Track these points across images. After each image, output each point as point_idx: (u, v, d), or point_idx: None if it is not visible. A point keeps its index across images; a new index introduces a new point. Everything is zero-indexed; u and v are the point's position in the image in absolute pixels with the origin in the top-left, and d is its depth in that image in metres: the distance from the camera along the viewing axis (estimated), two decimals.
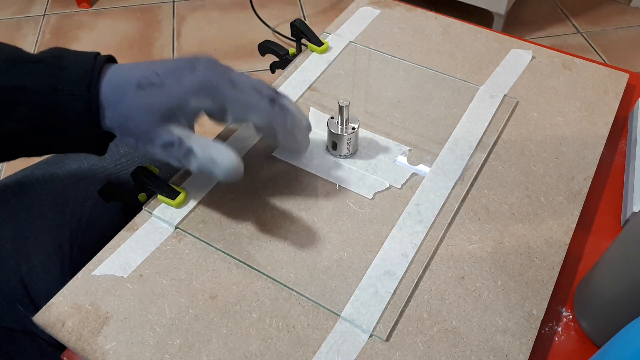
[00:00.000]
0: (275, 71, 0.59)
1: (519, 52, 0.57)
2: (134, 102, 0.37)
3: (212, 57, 0.40)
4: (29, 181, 0.52)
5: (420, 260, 0.40)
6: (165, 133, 0.37)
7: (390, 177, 0.46)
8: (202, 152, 0.37)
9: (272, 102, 0.40)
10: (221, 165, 0.37)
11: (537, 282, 0.39)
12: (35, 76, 0.36)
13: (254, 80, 0.41)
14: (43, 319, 0.37)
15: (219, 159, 0.37)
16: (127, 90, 0.37)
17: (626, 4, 1.70)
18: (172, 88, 0.37)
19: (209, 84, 0.38)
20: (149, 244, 0.42)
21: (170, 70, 0.38)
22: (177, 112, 0.38)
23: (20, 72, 0.36)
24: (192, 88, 0.37)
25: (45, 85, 0.36)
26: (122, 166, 0.56)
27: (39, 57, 0.37)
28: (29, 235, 0.49)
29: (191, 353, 0.36)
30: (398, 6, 0.63)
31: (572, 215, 0.43)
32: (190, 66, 0.38)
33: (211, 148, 0.38)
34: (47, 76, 0.36)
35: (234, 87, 0.39)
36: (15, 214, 0.50)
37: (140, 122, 0.37)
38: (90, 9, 1.71)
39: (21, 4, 1.73)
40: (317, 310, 0.38)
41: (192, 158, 0.38)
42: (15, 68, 0.36)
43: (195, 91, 0.37)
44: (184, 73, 0.38)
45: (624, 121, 0.53)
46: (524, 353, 0.36)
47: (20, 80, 0.36)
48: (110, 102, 0.37)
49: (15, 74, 0.36)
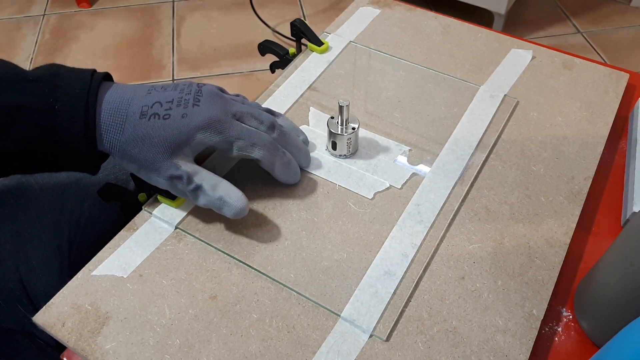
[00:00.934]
0: (275, 71, 0.59)
1: (519, 52, 0.57)
2: (139, 131, 0.38)
3: (213, 88, 0.41)
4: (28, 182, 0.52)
5: (420, 260, 0.40)
6: (172, 166, 0.38)
7: (390, 177, 0.46)
8: (212, 191, 0.39)
9: (272, 128, 0.42)
10: (231, 205, 0.39)
11: (537, 282, 0.39)
12: (31, 95, 0.36)
13: (252, 108, 0.42)
14: (43, 319, 0.37)
15: (228, 200, 0.39)
16: (129, 117, 0.38)
17: (626, 4, 1.70)
18: (178, 123, 0.38)
19: (215, 121, 0.39)
20: (149, 244, 0.41)
21: (173, 102, 0.39)
22: (183, 146, 0.39)
23: (16, 91, 0.36)
24: (198, 124, 0.38)
25: (42, 105, 0.36)
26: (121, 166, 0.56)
27: (35, 75, 0.37)
28: (28, 235, 0.49)
29: (191, 353, 0.36)
30: (398, 6, 0.63)
31: (572, 215, 0.43)
32: (194, 99, 0.39)
33: (220, 188, 0.39)
34: (44, 95, 0.36)
35: (238, 122, 0.40)
36: (14, 215, 0.50)
37: (147, 152, 0.38)
38: (90, 8, 1.71)
39: (21, 4, 1.73)
40: (317, 310, 0.38)
41: (201, 195, 0.39)
42: (11, 87, 0.36)
43: (201, 127, 0.38)
44: (188, 107, 0.39)
45: (624, 121, 0.53)
46: (524, 353, 0.36)
47: (16, 99, 0.36)
48: (110, 127, 0.38)
49: (11, 93, 0.36)
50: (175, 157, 0.38)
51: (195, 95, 0.39)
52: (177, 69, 1.49)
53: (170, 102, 0.39)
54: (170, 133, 0.38)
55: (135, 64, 1.49)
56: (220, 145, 0.40)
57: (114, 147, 0.38)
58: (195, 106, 0.39)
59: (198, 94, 0.39)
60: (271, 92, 0.53)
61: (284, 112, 0.51)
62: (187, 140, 0.38)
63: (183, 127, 0.38)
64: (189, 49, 1.55)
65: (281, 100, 0.52)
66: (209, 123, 0.39)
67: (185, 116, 0.38)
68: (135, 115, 0.38)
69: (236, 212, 0.39)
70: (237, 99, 0.44)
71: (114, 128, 0.38)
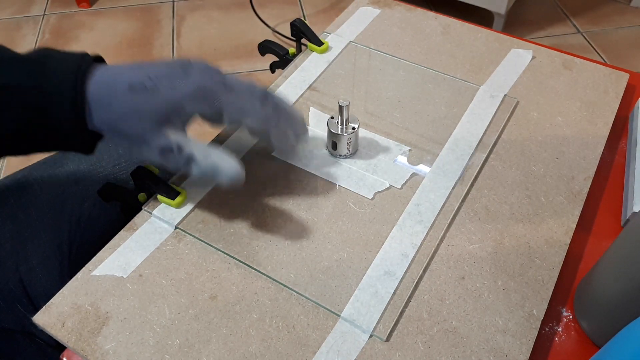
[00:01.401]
0: (275, 71, 0.59)
1: (519, 52, 0.57)
2: (127, 105, 0.37)
3: (204, 61, 0.40)
4: (28, 181, 0.52)
5: (420, 260, 0.40)
6: (162, 137, 0.37)
7: (390, 177, 0.46)
8: (204, 159, 0.38)
9: (265, 100, 0.40)
10: (225, 172, 0.38)
11: (537, 282, 0.39)
12: (21, 75, 0.36)
13: (246, 81, 0.41)
14: (43, 319, 0.37)
15: (222, 167, 0.38)
16: (118, 92, 0.37)
17: (626, 4, 1.70)
18: (166, 93, 0.37)
19: (205, 89, 0.38)
20: (149, 244, 0.41)
21: (163, 75, 0.38)
22: (172, 116, 0.37)
23: (6, 71, 0.36)
24: (187, 93, 0.37)
25: (31, 85, 0.36)
26: (122, 166, 0.56)
27: (25, 56, 0.37)
28: (28, 235, 0.49)
29: (191, 353, 0.36)
30: (398, 6, 0.63)
31: (573, 215, 0.43)
32: (184, 71, 0.38)
33: (213, 155, 0.38)
34: (33, 75, 0.36)
35: (229, 91, 0.39)
36: (14, 214, 0.50)
37: (135, 125, 0.37)
38: (90, 8, 1.71)
39: (21, 4, 1.73)
40: (317, 310, 0.38)
41: (194, 165, 0.38)
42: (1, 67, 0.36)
43: (190, 96, 0.37)
44: (178, 78, 0.38)
45: (624, 121, 0.53)
46: (524, 353, 0.36)
47: (5, 79, 0.36)
48: (100, 103, 0.37)
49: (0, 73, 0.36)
50: (164, 128, 0.37)
51: (185, 68, 0.38)
52: None
53: (160, 75, 0.38)
54: (159, 104, 0.37)
55: None
56: (210, 115, 0.39)
57: (104, 124, 0.38)
58: (185, 78, 0.38)
59: (188, 67, 0.39)
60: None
61: None
62: (175, 110, 0.37)
63: (171, 97, 0.37)
64: (189, 49, 1.55)
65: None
66: (198, 92, 0.38)
67: (174, 87, 0.37)
68: (124, 90, 0.37)
69: (231, 178, 0.38)
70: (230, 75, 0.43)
71: (103, 105, 0.37)
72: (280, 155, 0.47)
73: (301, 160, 0.47)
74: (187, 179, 0.46)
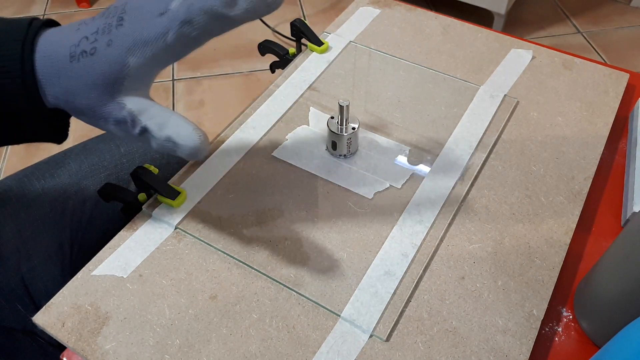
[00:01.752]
0: (275, 71, 0.59)
1: (519, 52, 0.57)
2: (71, 77, 0.33)
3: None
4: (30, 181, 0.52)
5: (420, 260, 0.40)
6: (117, 107, 0.33)
7: (390, 177, 0.46)
8: (159, 131, 0.33)
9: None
10: (182, 145, 0.33)
11: (537, 282, 0.39)
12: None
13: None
14: (43, 319, 0.37)
15: (178, 139, 0.33)
16: (60, 63, 0.33)
17: (626, 4, 1.70)
18: (105, 54, 0.32)
19: (141, 33, 0.32)
20: (149, 244, 0.41)
21: (98, 31, 0.33)
22: (121, 78, 0.32)
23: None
24: (126, 46, 0.32)
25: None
26: (122, 166, 0.56)
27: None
28: (29, 235, 0.49)
29: (191, 353, 0.36)
30: (398, 6, 0.63)
31: (573, 215, 0.43)
32: (117, 20, 0.33)
33: (169, 125, 0.33)
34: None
35: (164, 16, 0.32)
36: (15, 214, 0.50)
37: (85, 97, 0.33)
38: (90, 8, 1.71)
39: (21, 4, 1.73)
40: (317, 310, 0.38)
41: (150, 137, 0.33)
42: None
43: (130, 48, 0.32)
44: (112, 31, 0.32)
45: (624, 121, 0.53)
46: (524, 353, 0.36)
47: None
48: (47, 78, 0.33)
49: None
50: (118, 94, 0.33)
51: (118, 15, 0.33)
52: (177, 69, 1.49)
53: (95, 32, 0.32)
54: (100, 68, 0.32)
55: None
56: (162, 58, 0.33)
57: (59, 100, 0.33)
58: (118, 27, 0.32)
59: (121, 12, 0.33)
60: (271, 92, 0.53)
61: (284, 112, 0.51)
62: (121, 70, 0.32)
63: (111, 56, 0.32)
64: None
65: (281, 100, 0.52)
66: (136, 39, 0.32)
67: (111, 43, 0.32)
68: (66, 59, 0.32)
69: (190, 153, 0.33)
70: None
71: (51, 80, 0.33)
72: (280, 156, 0.47)
73: (301, 160, 0.47)
74: (188, 179, 0.46)
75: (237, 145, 0.49)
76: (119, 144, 0.57)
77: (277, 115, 0.51)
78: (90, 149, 0.57)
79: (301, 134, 0.49)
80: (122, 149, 0.57)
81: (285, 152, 0.48)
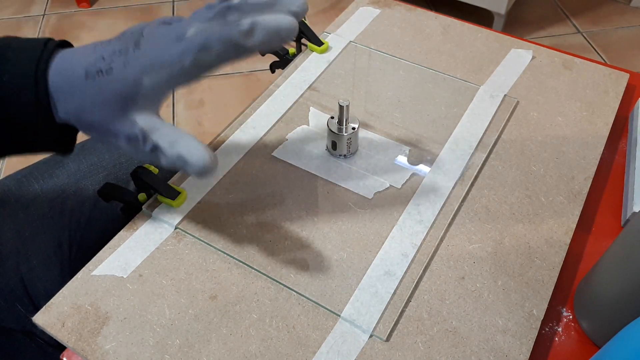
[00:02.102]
0: (275, 71, 0.59)
1: (519, 52, 0.57)
2: (86, 94, 0.34)
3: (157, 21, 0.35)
4: (29, 181, 0.52)
5: (420, 260, 0.40)
6: (128, 124, 0.34)
7: (390, 177, 0.46)
8: (170, 149, 0.34)
9: (224, 12, 0.33)
10: (192, 164, 0.33)
11: (537, 282, 0.39)
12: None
13: (203, 11, 0.35)
14: (43, 319, 0.37)
15: (189, 157, 0.33)
16: (75, 80, 0.34)
17: (626, 4, 1.70)
18: (121, 73, 0.33)
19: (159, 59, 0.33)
20: (149, 244, 0.41)
21: (115, 52, 0.34)
22: (134, 96, 0.34)
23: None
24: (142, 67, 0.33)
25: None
26: (121, 166, 0.56)
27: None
28: (29, 235, 0.49)
29: (191, 353, 0.36)
30: (398, 6, 0.63)
31: (573, 215, 0.43)
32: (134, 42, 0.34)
33: (180, 144, 0.34)
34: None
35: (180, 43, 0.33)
36: (14, 214, 0.50)
37: (97, 115, 0.34)
38: (90, 8, 1.71)
39: (21, 4, 1.73)
40: (317, 310, 0.38)
41: (160, 155, 0.34)
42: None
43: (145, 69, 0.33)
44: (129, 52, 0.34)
45: (624, 121, 0.53)
46: (524, 353, 0.36)
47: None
48: (61, 94, 0.34)
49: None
50: (130, 112, 0.34)
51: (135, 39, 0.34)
52: None
53: (112, 53, 0.34)
54: (115, 87, 0.33)
55: None
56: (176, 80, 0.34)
57: (70, 115, 0.35)
58: (136, 50, 0.33)
59: (139, 35, 0.34)
60: (271, 92, 0.53)
61: (284, 112, 0.51)
62: (135, 89, 0.33)
63: (127, 75, 0.33)
64: None
65: (281, 100, 0.52)
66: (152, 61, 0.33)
67: (127, 64, 0.33)
68: (81, 78, 0.34)
69: (199, 171, 0.33)
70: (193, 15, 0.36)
71: (64, 96, 0.34)
72: (280, 156, 0.47)
73: (301, 160, 0.47)
74: (188, 179, 0.46)
75: (237, 145, 0.48)
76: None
77: (277, 115, 0.51)
78: (89, 149, 0.56)
79: (301, 134, 0.49)
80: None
81: (285, 152, 0.48)
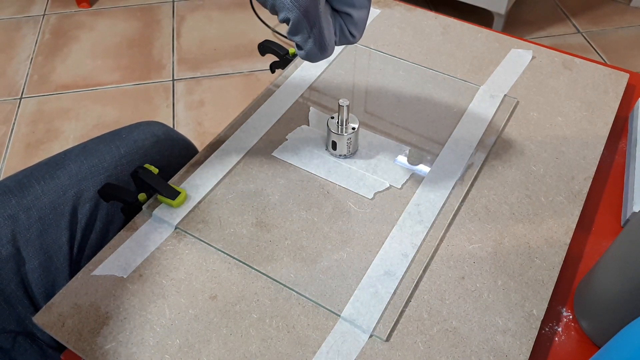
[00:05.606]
0: (275, 71, 0.59)
1: (519, 52, 0.57)
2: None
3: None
4: (29, 182, 0.52)
5: (420, 260, 0.40)
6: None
7: (390, 177, 0.46)
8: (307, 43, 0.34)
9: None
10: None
11: (537, 282, 0.39)
12: None
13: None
14: (43, 319, 0.37)
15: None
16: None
17: (626, 4, 1.70)
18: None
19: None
20: (149, 244, 0.41)
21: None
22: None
23: None
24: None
25: None
26: (122, 167, 0.56)
27: None
28: (30, 236, 0.49)
29: (191, 353, 0.36)
30: (398, 6, 0.63)
31: (572, 215, 0.43)
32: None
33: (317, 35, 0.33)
34: None
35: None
36: (15, 215, 0.50)
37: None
38: (90, 8, 1.71)
39: (21, 4, 1.73)
40: (317, 310, 0.38)
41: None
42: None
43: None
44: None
45: (624, 121, 0.53)
46: (524, 353, 0.36)
47: None
48: None
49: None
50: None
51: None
52: (177, 69, 1.49)
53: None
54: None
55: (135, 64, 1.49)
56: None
57: None
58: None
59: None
60: (271, 92, 0.53)
61: (284, 112, 0.51)
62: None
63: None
64: (189, 49, 1.55)
65: (281, 100, 0.52)
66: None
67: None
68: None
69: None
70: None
71: None
72: (280, 156, 0.47)
73: (301, 160, 0.47)
74: (188, 179, 0.46)
75: (237, 145, 0.49)
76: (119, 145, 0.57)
77: (277, 115, 0.51)
78: (90, 150, 0.56)
79: (301, 134, 0.49)
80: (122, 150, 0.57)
81: (285, 152, 0.48)
